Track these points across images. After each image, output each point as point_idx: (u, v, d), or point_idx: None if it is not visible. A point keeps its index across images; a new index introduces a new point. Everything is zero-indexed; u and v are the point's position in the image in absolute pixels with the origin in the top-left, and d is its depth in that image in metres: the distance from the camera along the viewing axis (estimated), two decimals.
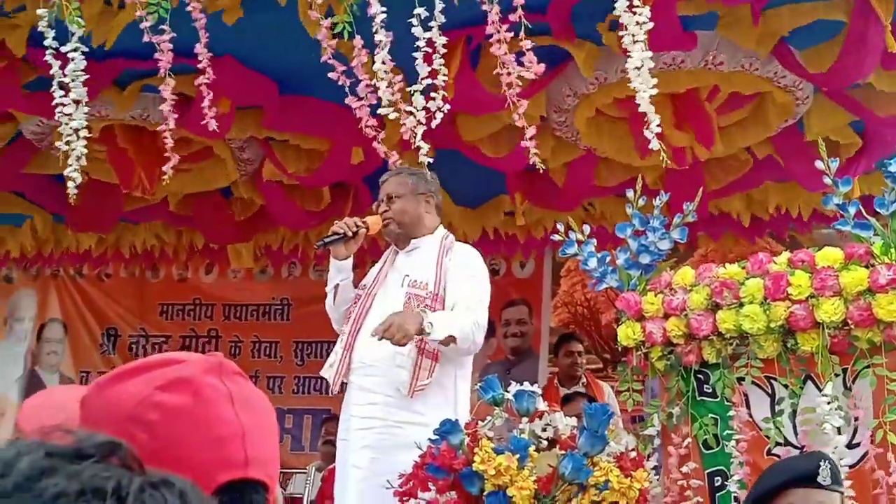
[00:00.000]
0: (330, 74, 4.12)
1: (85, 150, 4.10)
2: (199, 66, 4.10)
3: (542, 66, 3.88)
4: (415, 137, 3.94)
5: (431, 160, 4.02)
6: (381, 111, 3.95)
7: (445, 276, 4.00)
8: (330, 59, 4.07)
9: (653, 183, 5.87)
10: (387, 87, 3.82)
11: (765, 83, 5.22)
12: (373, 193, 4.42)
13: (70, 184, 4.13)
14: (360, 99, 4.17)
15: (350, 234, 4.00)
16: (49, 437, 0.79)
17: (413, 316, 3.77)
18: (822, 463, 2.73)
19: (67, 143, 4.05)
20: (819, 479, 2.69)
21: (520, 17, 3.73)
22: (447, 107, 3.87)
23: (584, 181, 6.31)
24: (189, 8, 3.94)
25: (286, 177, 6.39)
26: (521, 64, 3.86)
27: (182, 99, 4.45)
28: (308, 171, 6.30)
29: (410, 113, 3.89)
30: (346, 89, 4.13)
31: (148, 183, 6.09)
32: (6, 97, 5.47)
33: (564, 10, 4.63)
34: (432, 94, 3.87)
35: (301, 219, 7.16)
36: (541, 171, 4.21)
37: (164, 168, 4.20)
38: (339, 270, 4.12)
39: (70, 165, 4.09)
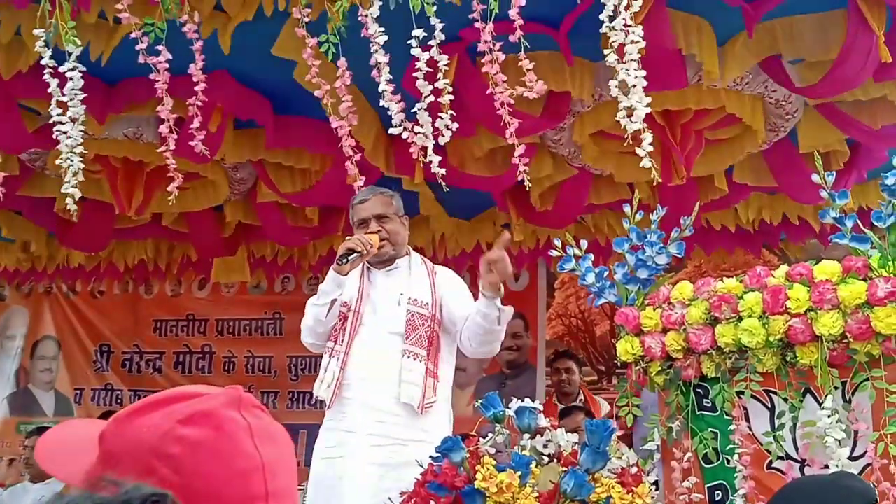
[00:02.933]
0: (316, 93, 4.14)
1: (82, 166, 4.12)
2: (202, 87, 4.10)
3: (544, 85, 3.91)
4: (424, 155, 4.00)
5: (444, 171, 4.06)
6: (392, 131, 3.99)
7: (441, 298, 4.09)
8: (315, 77, 4.08)
9: (646, 198, 5.90)
10: (396, 107, 3.86)
11: (755, 100, 5.24)
12: None
13: (69, 200, 4.14)
14: (341, 119, 4.20)
15: (364, 252, 4.04)
16: (95, 487, 0.79)
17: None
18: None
19: (67, 160, 4.06)
20: None
21: (519, 39, 3.74)
22: (455, 125, 3.91)
23: (578, 199, 6.34)
24: (185, 29, 3.94)
25: (280, 197, 6.40)
26: (521, 84, 3.89)
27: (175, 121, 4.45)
28: (301, 191, 6.32)
29: (420, 126, 3.95)
30: (328, 109, 4.15)
31: (139, 204, 6.11)
32: (15, 141, 5.54)
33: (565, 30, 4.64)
34: (440, 114, 3.91)
35: (294, 236, 7.17)
36: (528, 188, 4.26)
37: (168, 188, 4.20)
38: (339, 286, 4.14)
39: (67, 182, 4.09)
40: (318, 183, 6.13)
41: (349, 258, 4.02)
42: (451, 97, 3.86)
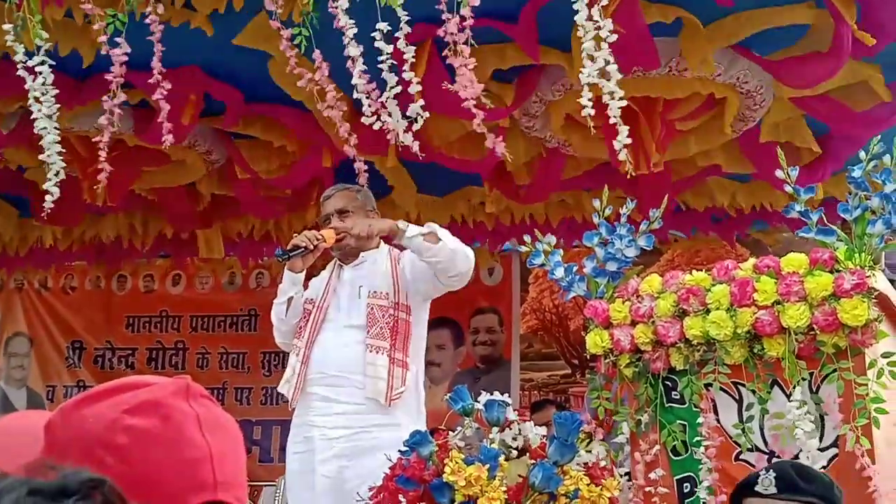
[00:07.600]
0: (299, 83, 4.18)
1: (63, 165, 4.19)
2: (158, 79, 4.13)
3: (480, 87, 3.96)
4: (396, 139, 4.11)
5: (423, 155, 4.11)
6: (364, 120, 4.03)
7: (403, 279, 4.05)
8: (295, 69, 4.11)
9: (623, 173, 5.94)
10: (366, 97, 3.89)
11: (727, 89, 5.26)
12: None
13: (48, 197, 4.22)
14: (331, 107, 4.26)
15: (311, 247, 4.02)
16: (33, 472, 0.78)
17: (382, 221, 3.99)
18: (762, 473, 2.74)
19: (48, 157, 4.13)
20: (758, 488, 2.70)
21: (467, 38, 3.77)
22: (427, 114, 3.94)
23: (552, 177, 6.36)
24: (147, 20, 3.94)
25: (255, 177, 6.45)
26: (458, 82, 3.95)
27: (147, 109, 4.47)
28: (277, 170, 6.37)
29: (389, 114, 4.00)
30: (315, 97, 4.20)
31: (113, 191, 6.07)
32: None
33: (531, 20, 4.65)
34: (410, 104, 3.95)
35: (269, 208, 7.15)
36: (508, 169, 4.32)
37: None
38: (294, 283, 4.15)
39: (49, 180, 4.17)
40: (293, 167, 6.16)
41: (293, 254, 4.01)
42: (420, 87, 3.88)
